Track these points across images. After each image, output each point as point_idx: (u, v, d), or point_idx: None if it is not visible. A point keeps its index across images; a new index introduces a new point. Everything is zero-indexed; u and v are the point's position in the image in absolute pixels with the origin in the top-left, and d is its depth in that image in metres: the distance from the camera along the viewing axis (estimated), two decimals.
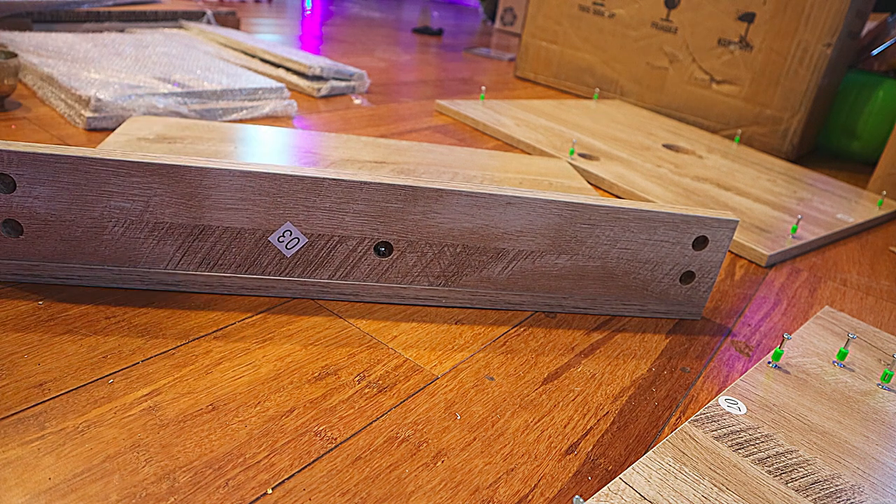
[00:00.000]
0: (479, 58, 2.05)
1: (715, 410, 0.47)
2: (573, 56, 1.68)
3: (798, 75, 1.31)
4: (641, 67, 1.55)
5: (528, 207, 0.53)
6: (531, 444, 0.43)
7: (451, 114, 1.23)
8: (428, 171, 0.85)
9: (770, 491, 0.40)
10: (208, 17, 1.60)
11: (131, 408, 0.40)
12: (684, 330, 0.60)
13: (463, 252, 0.54)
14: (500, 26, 2.90)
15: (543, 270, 0.56)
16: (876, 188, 1.20)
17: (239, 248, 0.50)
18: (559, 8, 1.67)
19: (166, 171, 0.46)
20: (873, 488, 0.42)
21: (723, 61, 1.41)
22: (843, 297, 0.74)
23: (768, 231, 0.86)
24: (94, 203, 0.46)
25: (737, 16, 1.37)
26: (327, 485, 0.37)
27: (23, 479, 0.34)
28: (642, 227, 0.56)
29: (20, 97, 0.94)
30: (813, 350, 0.58)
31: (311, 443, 0.39)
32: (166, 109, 0.91)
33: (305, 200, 0.49)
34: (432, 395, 0.46)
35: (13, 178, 0.44)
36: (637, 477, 0.40)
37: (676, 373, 0.54)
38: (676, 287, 0.60)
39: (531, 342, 0.54)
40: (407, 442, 0.41)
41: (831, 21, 1.25)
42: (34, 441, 0.36)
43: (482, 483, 0.39)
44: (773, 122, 1.36)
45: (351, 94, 1.29)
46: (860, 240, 0.96)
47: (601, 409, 0.47)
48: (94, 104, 0.84)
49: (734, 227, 0.57)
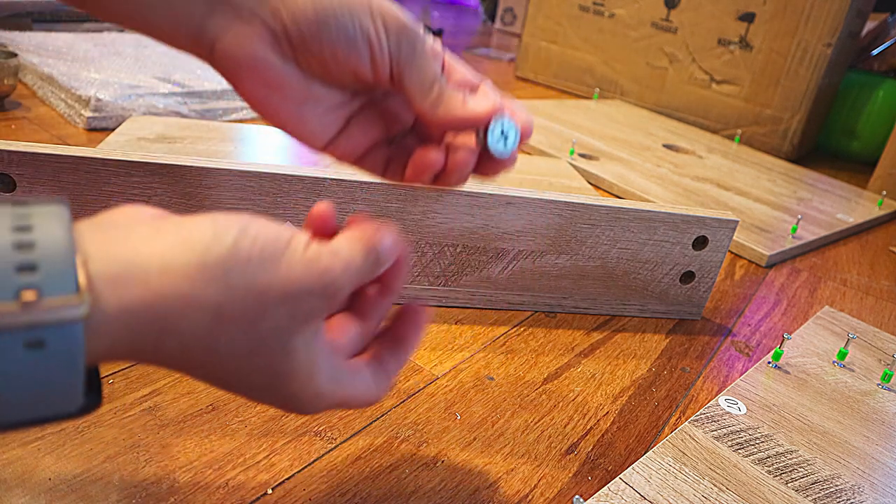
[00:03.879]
0: (479, 58, 2.06)
1: (715, 410, 0.47)
2: (573, 56, 1.68)
3: (798, 75, 1.31)
4: (641, 67, 1.55)
5: (528, 207, 0.53)
6: (531, 444, 0.43)
7: None
8: None
9: (770, 491, 0.40)
10: None
11: (131, 408, 0.40)
12: (684, 330, 0.60)
13: (463, 252, 0.54)
14: (500, 26, 2.90)
15: (543, 270, 0.56)
16: (876, 188, 1.20)
17: None
18: (559, 8, 1.67)
19: (166, 170, 0.46)
20: (873, 488, 0.42)
21: (723, 61, 1.41)
22: (843, 297, 0.74)
23: (768, 231, 0.86)
24: (95, 203, 0.46)
25: (737, 16, 1.37)
26: (327, 485, 0.37)
27: (23, 479, 0.34)
28: (642, 227, 0.56)
29: (20, 97, 0.94)
30: (813, 350, 0.58)
31: (311, 443, 0.39)
32: (166, 109, 0.91)
33: (305, 200, 0.49)
34: (432, 395, 0.46)
35: (13, 178, 0.44)
36: (637, 477, 0.40)
37: (676, 373, 0.54)
38: (676, 287, 0.60)
39: (531, 342, 0.54)
40: (407, 442, 0.41)
41: (831, 21, 1.25)
42: (34, 441, 0.36)
43: (482, 483, 0.39)
44: (773, 122, 1.36)
45: None
46: (860, 240, 0.96)
47: (601, 409, 0.47)
48: (94, 104, 0.84)
49: (734, 227, 0.57)
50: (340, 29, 0.28)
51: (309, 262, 0.23)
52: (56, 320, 0.18)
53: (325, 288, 0.23)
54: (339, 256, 0.24)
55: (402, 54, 0.30)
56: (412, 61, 0.30)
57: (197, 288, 0.20)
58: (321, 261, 0.23)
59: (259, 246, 0.22)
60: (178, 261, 0.20)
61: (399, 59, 0.30)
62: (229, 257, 0.21)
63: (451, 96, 0.31)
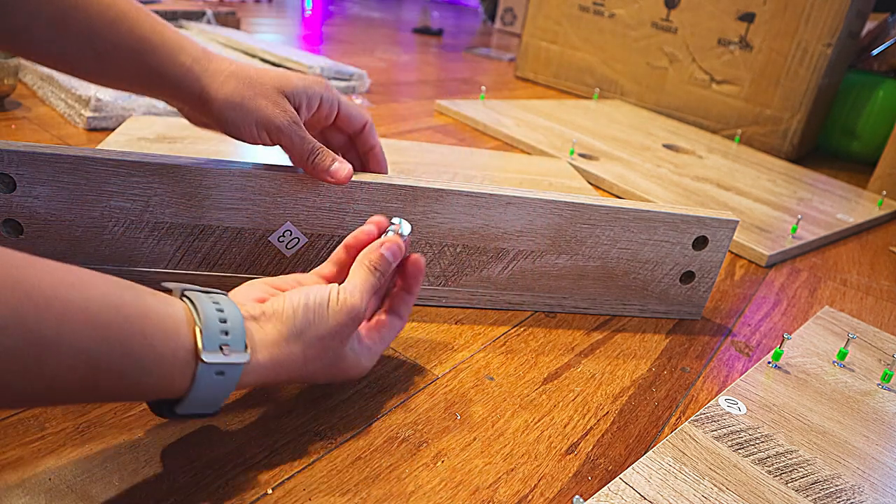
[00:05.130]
0: (479, 58, 2.06)
1: (715, 410, 0.47)
2: (573, 56, 1.68)
3: (798, 75, 1.31)
4: (641, 67, 1.55)
5: (528, 207, 0.53)
6: (531, 444, 0.43)
7: (451, 114, 1.23)
8: (428, 171, 0.85)
9: (770, 491, 0.40)
10: (208, 17, 1.60)
11: (132, 408, 0.40)
12: (684, 330, 0.60)
13: (463, 252, 0.54)
14: (500, 26, 2.90)
15: (543, 270, 0.56)
16: (876, 188, 1.20)
17: (239, 247, 0.50)
18: (559, 8, 1.67)
19: (166, 170, 0.46)
20: (873, 488, 0.42)
21: (723, 61, 1.41)
22: (843, 297, 0.74)
23: (768, 231, 0.86)
24: (94, 203, 0.46)
25: (737, 16, 1.37)
26: (327, 485, 0.37)
27: (23, 479, 0.34)
28: (642, 227, 0.56)
29: (20, 97, 0.94)
30: (813, 350, 0.58)
31: (311, 443, 0.39)
32: (166, 109, 0.91)
33: (305, 200, 0.49)
34: (432, 395, 0.46)
35: (13, 178, 0.44)
36: (637, 477, 0.40)
37: (676, 373, 0.54)
38: (676, 287, 0.60)
39: (531, 342, 0.54)
40: (407, 442, 0.41)
41: (831, 21, 1.25)
42: (34, 441, 0.36)
43: (482, 483, 0.39)
44: (773, 122, 1.36)
45: (351, 94, 1.29)
46: (860, 240, 0.96)
47: (601, 409, 0.47)
48: (94, 104, 0.84)
49: (734, 227, 0.57)
50: (232, 126, 0.45)
51: (342, 308, 0.37)
52: (234, 363, 0.32)
53: (354, 319, 0.38)
54: (356, 290, 0.38)
55: (283, 145, 0.47)
56: (291, 149, 0.47)
57: (291, 345, 0.36)
58: (347, 302, 0.37)
59: (313, 310, 0.36)
60: (280, 334, 0.35)
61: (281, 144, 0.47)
62: (302, 323, 0.36)
63: (321, 161, 0.47)
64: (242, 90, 0.43)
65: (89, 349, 0.27)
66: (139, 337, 0.29)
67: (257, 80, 0.44)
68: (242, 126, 0.44)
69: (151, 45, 0.42)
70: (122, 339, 0.28)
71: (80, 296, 0.27)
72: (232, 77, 0.44)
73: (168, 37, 0.43)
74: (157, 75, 0.43)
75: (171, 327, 0.30)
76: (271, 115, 0.44)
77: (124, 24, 0.41)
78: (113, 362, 0.28)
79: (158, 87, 0.44)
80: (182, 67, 0.43)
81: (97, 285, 0.28)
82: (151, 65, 0.42)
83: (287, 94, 0.45)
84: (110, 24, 0.41)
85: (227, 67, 0.44)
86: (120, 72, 0.43)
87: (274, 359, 0.35)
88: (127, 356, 0.28)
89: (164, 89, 0.44)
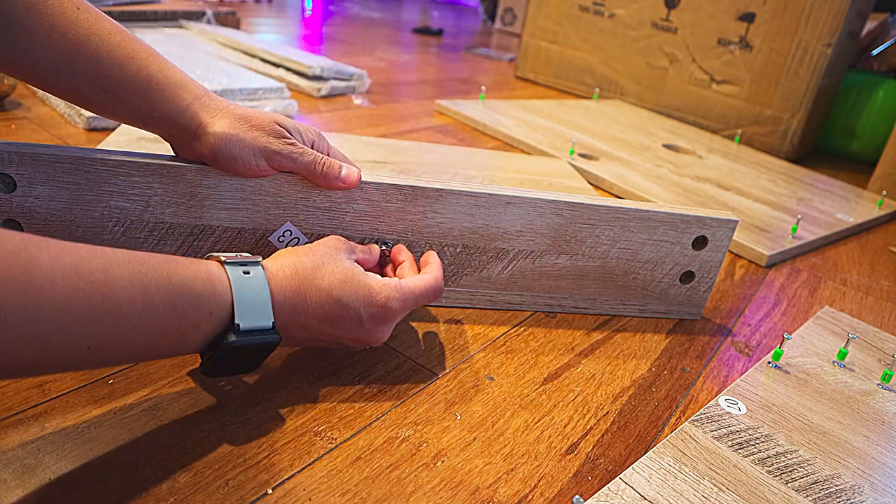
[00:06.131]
0: (479, 58, 2.06)
1: (715, 410, 0.47)
2: (573, 56, 1.68)
3: (798, 75, 1.31)
4: (641, 67, 1.55)
5: (528, 207, 0.53)
6: (531, 444, 0.43)
7: (451, 114, 1.23)
8: (428, 171, 0.85)
9: (770, 491, 0.40)
10: (208, 17, 1.60)
11: (131, 408, 0.40)
12: (684, 330, 0.60)
13: (463, 252, 0.54)
14: (500, 26, 2.90)
15: (543, 270, 0.56)
16: (876, 188, 1.20)
17: (239, 247, 0.50)
18: (559, 8, 1.67)
19: (166, 170, 0.46)
20: (873, 488, 0.42)
21: (723, 61, 1.41)
22: (843, 297, 0.74)
23: (768, 231, 0.86)
24: (95, 203, 0.46)
25: (737, 16, 1.37)
26: (327, 485, 0.37)
27: (23, 479, 0.34)
28: (642, 227, 0.56)
29: (20, 97, 0.94)
30: (813, 350, 0.58)
31: (311, 443, 0.39)
32: None
33: (305, 200, 0.49)
34: (432, 395, 0.46)
35: (13, 178, 0.44)
36: (637, 477, 0.40)
37: (676, 373, 0.54)
38: (676, 287, 0.60)
39: (531, 342, 0.54)
40: (407, 442, 0.41)
41: (831, 21, 1.25)
42: (34, 441, 0.36)
43: (482, 483, 0.39)
44: (773, 122, 1.36)
45: (351, 94, 1.29)
46: (860, 240, 0.96)
47: (601, 409, 0.47)
48: None
49: (734, 227, 0.57)
50: (230, 159, 0.46)
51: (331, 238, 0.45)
52: (252, 261, 0.39)
53: (339, 239, 0.46)
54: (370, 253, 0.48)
55: (286, 167, 0.48)
56: (295, 167, 0.48)
57: (301, 257, 0.42)
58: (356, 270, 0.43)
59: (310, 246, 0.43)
60: (289, 254, 0.42)
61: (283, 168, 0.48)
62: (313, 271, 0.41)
63: (330, 169, 0.49)
64: (237, 124, 0.45)
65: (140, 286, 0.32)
66: (174, 266, 0.35)
67: (252, 115, 0.46)
68: (240, 158, 0.45)
69: (157, 83, 0.44)
70: (164, 273, 0.34)
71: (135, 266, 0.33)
72: (228, 114, 0.46)
73: (172, 75, 0.45)
74: (159, 111, 0.45)
75: (196, 263, 0.37)
76: (266, 142, 0.46)
77: (132, 65, 0.43)
78: (161, 291, 0.33)
79: (158, 121, 0.45)
80: (183, 103, 0.45)
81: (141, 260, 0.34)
82: (154, 101, 0.44)
83: (279, 124, 0.47)
84: (119, 63, 0.43)
85: (225, 106, 0.46)
86: (125, 107, 0.44)
87: (289, 266, 0.40)
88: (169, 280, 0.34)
89: (162, 123, 0.45)
